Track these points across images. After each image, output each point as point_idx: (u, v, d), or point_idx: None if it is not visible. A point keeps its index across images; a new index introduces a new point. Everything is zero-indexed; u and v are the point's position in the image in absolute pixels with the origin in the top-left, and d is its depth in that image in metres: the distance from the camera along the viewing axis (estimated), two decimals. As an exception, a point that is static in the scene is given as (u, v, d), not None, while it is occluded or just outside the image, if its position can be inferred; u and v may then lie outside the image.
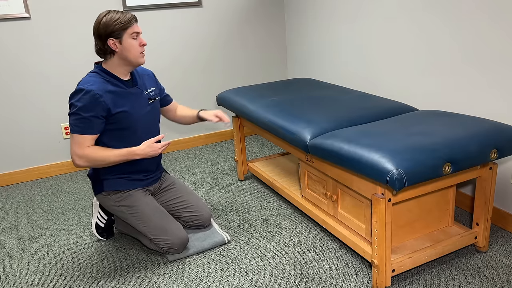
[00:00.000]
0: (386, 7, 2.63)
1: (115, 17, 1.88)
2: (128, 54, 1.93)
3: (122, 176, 2.06)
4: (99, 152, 1.91)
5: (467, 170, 1.83)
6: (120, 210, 2.07)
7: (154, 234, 2.05)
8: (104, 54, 1.94)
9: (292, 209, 2.51)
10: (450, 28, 2.24)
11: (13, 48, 2.94)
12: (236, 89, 2.76)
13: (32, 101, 3.07)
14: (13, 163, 3.12)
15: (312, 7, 3.33)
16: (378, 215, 1.68)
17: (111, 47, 1.90)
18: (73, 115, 1.88)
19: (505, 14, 1.96)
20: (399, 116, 2.08)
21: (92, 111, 1.87)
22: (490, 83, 2.10)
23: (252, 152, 3.47)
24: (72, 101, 1.88)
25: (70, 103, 1.89)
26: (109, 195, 2.07)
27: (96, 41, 1.92)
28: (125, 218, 2.10)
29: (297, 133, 2.03)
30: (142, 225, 2.06)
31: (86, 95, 1.85)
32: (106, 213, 2.26)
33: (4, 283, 2.01)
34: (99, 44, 1.92)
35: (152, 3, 3.23)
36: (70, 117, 1.89)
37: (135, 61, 1.96)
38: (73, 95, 1.89)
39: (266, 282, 1.90)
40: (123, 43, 1.90)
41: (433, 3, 2.31)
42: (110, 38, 1.88)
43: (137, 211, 2.05)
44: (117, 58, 1.95)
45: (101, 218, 2.26)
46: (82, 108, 1.86)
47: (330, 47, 3.22)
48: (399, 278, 1.87)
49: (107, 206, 2.11)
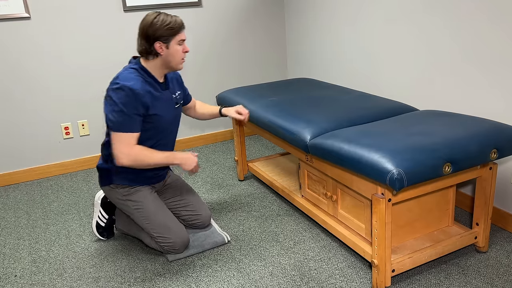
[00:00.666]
0: (386, 8, 2.63)
1: (167, 21, 1.85)
2: (172, 59, 1.92)
3: (134, 172, 2.05)
4: (145, 152, 1.90)
5: (467, 170, 1.83)
6: (125, 204, 2.07)
7: (157, 231, 2.05)
8: (147, 55, 1.91)
9: (292, 209, 2.51)
10: (450, 29, 2.24)
11: (13, 48, 2.94)
12: (236, 89, 2.76)
13: (32, 101, 3.07)
14: (13, 163, 3.12)
15: (312, 7, 3.33)
16: (378, 215, 1.68)
17: (156, 50, 1.88)
18: (116, 113, 1.84)
19: (505, 16, 1.96)
20: (399, 116, 2.08)
21: (136, 109, 1.86)
22: (490, 83, 2.10)
23: (252, 152, 3.47)
24: (115, 99, 1.84)
25: (112, 101, 1.84)
26: (117, 188, 2.05)
27: (142, 41, 1.89)
28: (129, 213, 2.09)
29: (297, 133, 2.03)
30: (146, 221, 2.05)
31: (130, 93, 1.83)
32: (107, 212, 2.26)
33: (4, 283, 2.01)
34: (144, 44, 1.88)
35: (152, 3, 3.23)
36: (111, 114, 1.85)
37: (176, 66, 1.96)
38: (115, 91, 1.84)
39: (266, 282, 1.90)
40: (170, 48, 1.89)
41: (433, 5, 2.31)
42: (158, 41, 1.87)
43: (142, 207, 2.05)
44: (159, 61, 1.93)
45: (102, 217, 2.26)
46: (126, 106, 1.83)
47: (330, 47, 3.22)
48: (399, 278, 1.87)
49: (112, 199, 2.10)
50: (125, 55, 3.26)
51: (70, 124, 3.22)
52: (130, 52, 3.26)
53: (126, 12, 3.19)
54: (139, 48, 1.92)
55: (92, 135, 3.30)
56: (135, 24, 3.23)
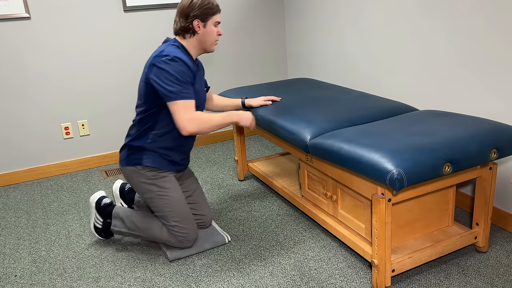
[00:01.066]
0: (387, 9, 2.63)
1: (205, 1, 1.94)
2: (207, 39, 1.99)
3: (164, 155, 2.04)
4: (205, 115, 1.92)
5: (467, 170, 1.83)
6: (148, 188, 2.04)
7: (176, 220, 2.05)
8: (184, 33, 1.97)
9: (292, 209, 2.51)
10: (450, 29, 2.24)
11: (13, 48, 2.94)
12: (236, 89, 2.76)
13: (32, 101, 3.07)
14: (13, 163, 3.12)
15: (312, 7, 3.33)
16: (378, 215, 1.68)
17: (194, 28, 1.95)
18: (173, 82, 1.86)
19: (503, 14, 1.96)
20: (399, 116, 2.08)
21: (189, 78, 1.90)
22: (490, 83, 2.10)
23: (252, 152, 3.47)
24: (169, 70, 1.86)
25: (166, 72, 1.86)
26: (143, 170, 2.02)
27: (180, 19, 1.95)
28: (149, 198, 2.05)
29: (297, 133, 2.03)
30: (168, 209, 2.04)
31: (182, 63, 1.88)
32: (101, 215, 2.24)
33: (4, 283, 2.01)
34: (183, 21, 1.95)
35: (152, 3, 3.23)
36: (169, 85, 1.86)
37: (210, 47, 2.02)
38: (167, 63, 1.86)
39: (266, 282, 1.90)
40: (207, 27, 1.97)
41: (431, 7, 2.31)
42: (197, 19, 1.93)
43: (167, 194, 2.04)
44: (195, 40, 1.99)
45: (98, 221, 2.24)
46: (181, 75, 1.87)
47: (331, 47, 3.22)
48: (399, 278, 1.87)
49: (134, 181, 2.06)
50: (125, 55, 3.26)
51: (70, 124, 3.22)
52: (130, 52, 3.26)
53: (126, 12, 3.19)
54: (177, 26, 1.97)
55: (92, 135, 3.30)
56: (135, 24, 3.23)
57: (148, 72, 1.91)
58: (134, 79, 3.33)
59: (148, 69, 1.91)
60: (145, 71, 1.94)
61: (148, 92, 1.94)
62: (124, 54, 3.25)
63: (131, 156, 2.04)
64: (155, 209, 2.08)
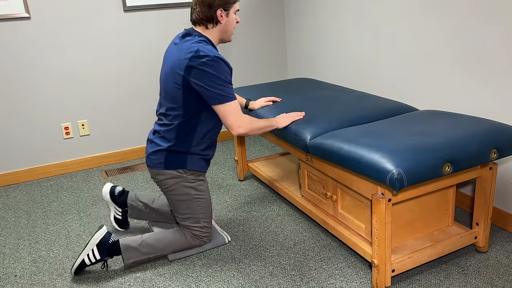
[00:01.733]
0: (387, 9, 2.63)
1: None
2: (229, 28, 1.97)
3: (205, 155, 2.04)
4: (253, 118, 1.97)
5: (467, 170, 1.83)
6: (187, 191, 2.02)
7: (206, 221, 2.09)
8: (206, 22, 1.92)
9: (292, 209, 2.51)
10: (450, 29, 2.24)
11: (13, 48, 2.94)
12: (236, 89, 2.76)
13: (32, 101, 3.07)
14: (13, 163, 3.12)
15: (312, 7, 3.33)
16: (378, 215, 1.68)
17: (218, 17, 1.91)
18: (218, 85, 1.83)
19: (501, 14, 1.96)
20: (399, 116, 2.08)
21: (230, 77, 1.89)
22: (490, 83, 2.10)
23: (252, 152, 3.47)
24: (213, 72, 1.81)
25: (211, 74, 1.81)
26: (186, 174, 2.01)
27: (204, 8, 1.89)
28: (184, 200, 2.03)
29: (297, 133, 2.03)
30: (202, 210, 2.06)
31: (223, 63, 1.85)
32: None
33: (4, 283, 2.01)
34: (206, 11, 1.89)
35: (152, 3, 3.23)
36: (214, 88, 1.83)
37: (229, 36, 2.00)
38: (209, 65, 1.81)
39: (266, 282, 1.90)
40: (229, 16, 1.94)
41: (431, 7, 2.31)
42: (221, 8, 1.90)
43: (203, 197, 2.06)
44: (217, 30, 1.95)
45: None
46: (224, 75, 1.84)
47: (331, 47, 3.22)
48: (399, 278, 1.87)
49: (171, 183, 2.01)
50: (125, 55, 3.26)
51: (70, 124, 3.22)
52: (130, 52, 3.27)
53: (126, 12, 3.19)
54: (200, 15, 1.91)
55: (92, 135, 3.30)
56: (135, 24, 3.23)
57: (187, 75, 1.83)
58: (134, 79, 3.33)
59: (185, 71, 1.83)
60: (178, 72, 1.85)
61: (187, 95, 1.88)
62: (124, 54, 3.25)
63: (173, 160, 1.98)
64: (187, 210, 2.04)
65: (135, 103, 3.38)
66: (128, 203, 2.30)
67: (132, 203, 2.29)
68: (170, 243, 2.06)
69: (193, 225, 2.07)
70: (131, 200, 2.30)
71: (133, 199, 2.30)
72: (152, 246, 2.04)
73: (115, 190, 2.31)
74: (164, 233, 2.08)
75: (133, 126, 3.42)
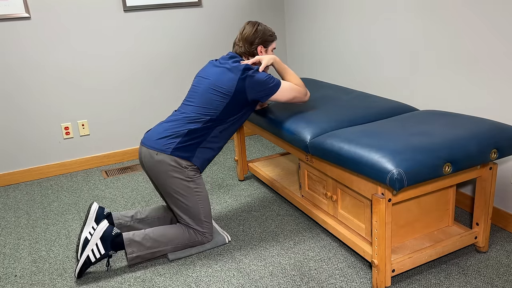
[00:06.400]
0: (386, 8, 2.63)
1: (269, 29, 2.22)
2: None
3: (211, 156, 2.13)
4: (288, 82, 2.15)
5: (467, 170, 1.83)
6: (187, 185, 2.07)
7: (206, 217, 2.12)
8: (248, 56, 2.20)
9: (292, 209, 2.51)
10: (450, 29, 2.24)
11: (13, 48, 2.94)
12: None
13: (32, 101, 3.07)
14: (13, 163, 3.12)
15: (312, 7, 3.33)
16: (378, 215, 1.68)
17: (258, 53, 2.19)
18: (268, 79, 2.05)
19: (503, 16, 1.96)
20: (399, 116, 2.08)
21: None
22: (491, 83, 2.10)
23: (252, 152, 3.47)
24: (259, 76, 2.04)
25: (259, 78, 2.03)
26: (187, 169, 2.05)
27: (245, 44, 2.18)
28: (185, 194, 2.07)
29: (297, 133, 2.03)
30: (201, 205, 2.10)
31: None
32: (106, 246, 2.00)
33: (4, 283, 2.01)
34: (248, 47, 2.18)
35: (152, 3, 3.23)
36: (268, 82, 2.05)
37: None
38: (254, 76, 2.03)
39: (266, 282, 1.90)
40: (267, 52, 2.24)
41: (432, 7, 2.31)
42: (262, 45, 2.19)
43: (202, 192, 2.12)
44: None
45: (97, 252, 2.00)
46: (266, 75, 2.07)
47: (330, 47, 3.22)
48: (399, 278, 1.87)
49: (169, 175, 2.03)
50: (125, 55, 3.26)
51: (70, 124, 3.22)
52: (130, 52, 3.26)
53: (126, 12, 3.19)
54: (242, 49, 2.20)
55: (92, 135, 3.30)
56: (135, 24, 3.23)
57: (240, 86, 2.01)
58: (134, 79, 3.33)
59: (238, 83, 2.01)
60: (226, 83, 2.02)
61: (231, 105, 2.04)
62: (124, 54, 3.25)
63: (182, 149, 2.04)
64: (188, 204, 2.08)
65: (135, 103, 3.38)
66: (116, 223, 2.19)
67: (119, 221, 2.20)
68: (173, 238, 2.08)
69: (193, 220, 2.09)
70: (117, 219, 2.21)
71: (118, 217, 2.21)
72: (155, 240, 2.05)
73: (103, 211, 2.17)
74: (167, 228, 2.11)
75: (133, 126, 3.42)
